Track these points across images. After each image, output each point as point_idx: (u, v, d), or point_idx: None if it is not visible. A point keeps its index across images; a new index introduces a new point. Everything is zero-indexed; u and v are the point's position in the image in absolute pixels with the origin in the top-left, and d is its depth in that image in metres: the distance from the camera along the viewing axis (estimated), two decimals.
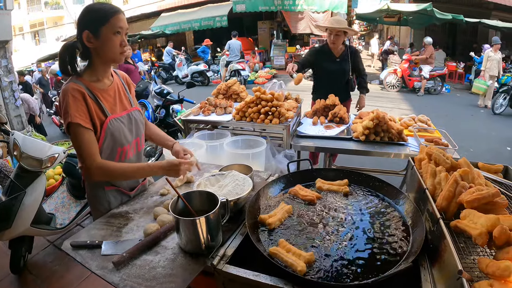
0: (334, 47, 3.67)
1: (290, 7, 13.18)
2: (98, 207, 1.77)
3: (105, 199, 1.76)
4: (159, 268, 1.26)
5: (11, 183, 2.52)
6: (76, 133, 1.50)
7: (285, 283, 1.16)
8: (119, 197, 1.82)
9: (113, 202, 1.78)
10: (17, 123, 5.47)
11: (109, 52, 1.56)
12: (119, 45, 1.56)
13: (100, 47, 1.54)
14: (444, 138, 2.79)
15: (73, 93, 1.49)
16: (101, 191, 1.75)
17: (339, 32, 3.53)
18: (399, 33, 17.96)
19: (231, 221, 1.52)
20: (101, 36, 1.50)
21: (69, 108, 1.47)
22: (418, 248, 1.18)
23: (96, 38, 1.51)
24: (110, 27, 1.50)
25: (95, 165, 1.52)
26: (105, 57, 1.58)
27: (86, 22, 1.51)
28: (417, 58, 11.02)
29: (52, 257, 3.10)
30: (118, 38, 1.54)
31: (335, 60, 3.72)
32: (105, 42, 1.52)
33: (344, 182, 1.76)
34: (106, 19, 1.49)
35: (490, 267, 0.94)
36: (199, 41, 17.59)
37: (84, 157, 1.51)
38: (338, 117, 3.22)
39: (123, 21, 1.55)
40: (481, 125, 7.34)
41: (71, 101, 1.48)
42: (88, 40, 1.51)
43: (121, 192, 1.82)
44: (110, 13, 1.50)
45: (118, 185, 1.80)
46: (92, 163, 1.51)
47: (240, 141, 2.78)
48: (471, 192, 1.26)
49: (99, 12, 1.50)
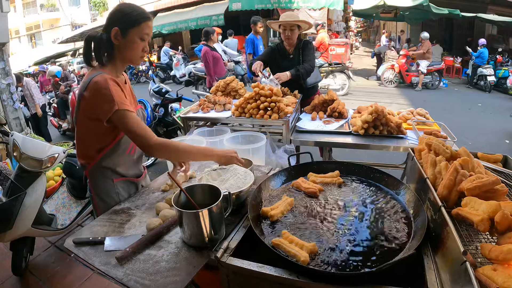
0: (289, 43, 3.64)
1: (286, 4, 13.16)
2: (108, 200, 1.79)
3: (114, 191, 1.79)
4: (163, 262, 1.27)
5: (11, 184, 2.52)
6: (128, 117, 1.53)
7: (289, 273, 1.16)
8: (127, 188, 1.86)
9: (122, 193, 1.82)
10: (16, 125, 5.45)
11: (130, 54, 1.63)
12: (141, 50, 1.63)
13: (124, 46, 1.60)
14: (443, 130, 2.79)
15: (111, 82, 1.55)
16: (109, 184, 1.78)
17: (293, 27, 3.49)
18: (396, 28, 17.96)
19: (234, 214, 1.53)
20: (128, 37, 1.57)
21: (113, 96, 1.51)
22: (420, 236, 1.19)
23: (123, 37, 1.57)
24: (138, 31, 1.58)
25: (157, 141, 1.55)
26: (126, 57, 1.65)
27: (118, 19, 1.57)
28: (414, 54, 11.04)
29: (54, 258, 3.10)
30: (142, 43, 1.62)
31: (288, 57, 3.68)
32: (130, 43, 1.59)
33: (336, 173, 1.78)
34: (137, 23, 1.57)
35: (493, 252, 0.95)
36: (196, 40, 17.54)
37: (143, 135, 1.54)
38: (337, 112, 3.22)
39: (151, 28, 1.63)
40: (479, 118, 7.37)
41: (113, 90, 1.52)
42: (115, 37, 1.57)
43: (129, 182, 1.87)
44: (143, 18, 1.58)
45: (127, 175, 1.84)
46: (154, 139, 1.55)
47: (240, 137, 2.78)
48: (472, 180, 1.26)
49: (132, 14, 1.57)
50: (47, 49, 23.76)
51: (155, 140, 1.55)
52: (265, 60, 3.68)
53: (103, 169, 1.75)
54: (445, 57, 12.80)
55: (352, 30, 21.88)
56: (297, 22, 3.50)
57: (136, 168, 1.92)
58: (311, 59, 3.63)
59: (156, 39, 19.96)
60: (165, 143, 1.59)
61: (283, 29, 3.55)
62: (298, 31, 3.57)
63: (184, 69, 13.87)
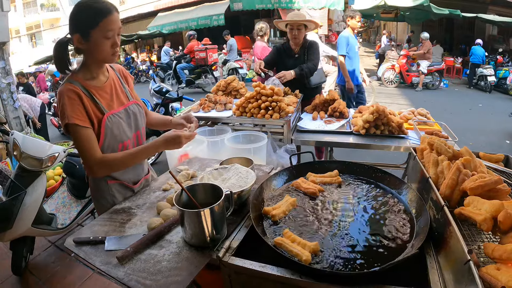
0: (296, 43, 3.66)
1: (287, 4, 13.15)
2: (103, 202, 1.77)
3: (108, 193, 1.75)
4: (164, 262, 1.26)
5: (12, 183, 2.51)
6: (75, 133, 1.50)
7: (292, 273, 1.15)
8: (123, 191, 1.81)
9: (117, 196, 1.78)
10: (16, 124, 5.44)
11: (99, 55, 1.54)
12: (110, 47, 1.53)
13: (90, 49, 1.52)
14: (444, 130, 2.79)
15: (68, 94, 1.50)
16: (104, 185, 1.75)
17: (300, 26, 3.51)
18: (396, 29, 17.96)
19: (235, 214, 1.52)
20: (91, 39, 1.48)
21: (66, 109, 1.48)
22: (423, 236, 1.18)
23: (86, 41, 1.49)
24: (100, 31, 1.46)
25: (96, 161, 1.53)
26: (97, 58, 1.58)
27: (76, 24, 1.48)
28: (414, 54, 11.04)
29: (54, 258, 3.10)
30: (109, 41, 1.51)
31: (294, 56, 3.70)
32: (95, 45, 1.50)
33: (335, 173, 1.77)
34: (95, 23, 1.45)
35: (497, 251, 0.94)
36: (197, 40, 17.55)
37: (84, 154, 1.53)
38: (338, 112, 3.21)
39: (114, 22, 1.50)
40: (480, 119, 7.36)
41: (67, 102, 1.49)
42: (79, 43, 1.50)
43: (124, 186, 1.81)
44: (100, 15, 1.45)
45: (121, 178, 1.79)
46: (92, 159, 1.53)
47: (241, 136, 2.78)
48: (474, 179, 1.26)
49: (88, 14, 1.46)
50: (47, 49, 23.72)
51: (96, 159, 1.53)
52: (273, 60, 3.72)
53: None
54: (445, 57, 12.81)
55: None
56: (304, 22, 3.52)
57: (131, 173, 1.84)
58: (314, 59, 3.65)
59: (157, 39, 19.97)
60: (103, 159, 1.55)
61: (290, 28, 3.57)
62: (304, 31, 3.60)
63: None
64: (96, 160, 1.53)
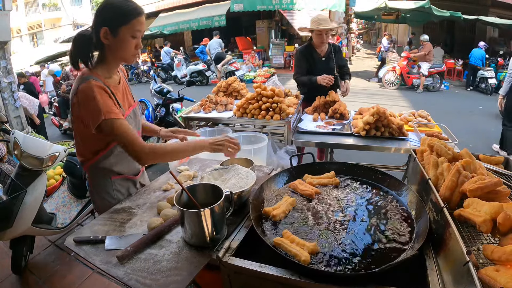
0: (323, 46, 3.66)
1: (288, 6, 13.18)
2: (107, 198, 1.77)
3: (112, 188, 1.77)
4: (164, 262, 1.26)
5: (12, 182, 2.52)
6: (116, 127, 1.48)
7: (291, 273, 1.16)
8: (126, 184, 1.83)
9: (120, 189, 1.80)
10: (17, 123, 5.45)
11: (123, 53, 1.55)
12: (134, 48, 1.55)
13: (115, 46, 1.52)
14: (444, 132, 2.80)
15: (98, 90, 1.47)
16: (108, 182, 1.76)
17: (328, 31, 3.51)
18: (397, 31, 17.98)
19: (236, 214, 1.52)
20: (119, 35, 1.48)
21: (99, 105, 1.44)
22: (423, 237, 1.18)
23: (113, 37, 1.48)
24: (129, 28, 1.48)
25: (146, 150, 1.52)
26: (118, 56, 1.58)
27: (107, 18, 1.47)
28: (415, 56, 11.04)
29: (54, 257, 3.10)
30: (134, 40, 1.53)
31: (321, 59, 3.69)
32: (121, 42, 1.50)
33: (332, 174, 1.77)
34: (127, 20, 1.46)
35: (496, 253, 0.94)
36: (197, 41, 17.56)
37: (133, 144, 1.51)
38: (338, 113, 3.22)
39: (142, 24, 1.52)
40: (480, 121, 7.35)
41: (99, 99, 1.45)
42: (105, 37, 1.48)
43: (126, 179, 1.83)
44: (133, 14, 1.47)
45: (124, 172, 1.81)
46: (143, 147, 1.52)
47: (242, 137, 2.78)
48: (474, 181, 1.26)
49: (121, 10, 1.46)
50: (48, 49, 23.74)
51: (148, 147, 1.53)
52: (305, 66, 3.67)
53: (100, 168, 1.71)
54: (446, 59, 12.80)
55: (354, 32, 21.87)
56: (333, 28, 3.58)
57: (133, 166, 1.86)
58: (346, 64, 3.89)
59: (158, 39, 19.99)
60: (153, 149, 1.55)
61: (319, 33, 3.52)
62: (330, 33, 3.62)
63: (185, 69, 13.89)
64: (146, 149, 1.52)
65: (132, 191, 1.87)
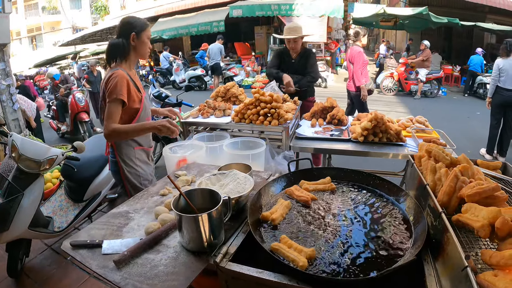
0: (294, 51, 3.97)
1: (287, 12, 13.21)
2: (129, 163, 2.31)
3: (134, 156, 2.32)
4: (161, 267, 1.26)
5: (9, 185, 2.50)
6: (114, 105, 2.06)
7: (289, 279, 1.15)
8: (144, 154, 2.40)
9: (140, 158, 2.36)
10: (15, 126, 5.42)
11: (143, 50, 2.24)
12: (148, 47, 2.26)
13: (139, 45, 2.21)
14: (442, 138, 2.80)
15: (123, 77, 2.09)
16: (131, 150, 2.31)
17: (296, 39, 3.83)
18: (395, 37, 18.07)
19: (233, 219, 1.52)
20: (141, 38, 2.19)
21: (117, 87, 2.05)
22: (421, 243, 1.18)
23: (138, 39, 2.18)
24: (146, 33, 2.21)
25: (110, 129, 2.05)
26: (139, 53, 2.24)
27: (132, 27, 2.16)
28: (413, 62, 11.10)
29: (50, 261, 3.08)
30: (148, 41, 2.25)
31: (291, 61, 4.00)
32: (142, 43, 2.21)
33: (327, 180, 1.78)
34: (145, 27, 2.20)
35: (494, 258, 0.95)
36: (196, 46, 17.61)
37: (108, 121, 2.05)
38: (336, 119, 3.23)
39: (150, 31, 2.28)
40: (477, 127, 7.38)
41: (120, 83, 2.06)
42: (133, 39, 2.16)
43: (144, 150, 2.40)
44: (146, 24, 2.23)
45: (143, 144, 2.38)
46: (110, 126, 2.05)
47: (240, 143, 2.78)
48: (472, 186, 1.26)
49: (139, 21, 2.20)
50: (47, 52, 23.75)
51: (113, 126, 2.05)
52: (277, 64, 4.12)
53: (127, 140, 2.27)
54: (444, 65, 12.88)
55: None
56: (297, 38, 3.83)
57: (148, 139, 2.45)
58: (315, 70, 4.00)
59: (157, 44, 20.02)
60: (115, 129, 2.06)
61: (287, 40, 3.90)
62: (301, 40, 3.90)
63: (184, 74, 13.91)
64: (110, 128, 2.05)
65: (148, 160, 2.45)
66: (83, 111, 7.07)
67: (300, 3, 12.81)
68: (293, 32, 3.83)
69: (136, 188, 2.30)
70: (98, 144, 3.43)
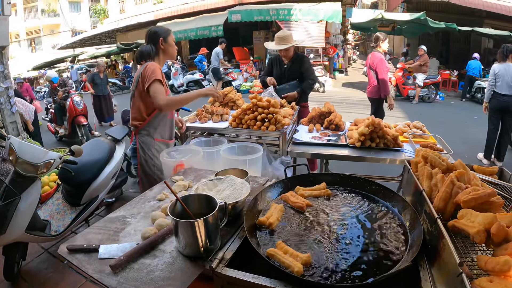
0: (285, 58, 4.09)
1: (285, 17, 13.27)
2: (148, 153, 2.68)
3: (154, 147, 2.68)
4: (157, 272, 1.26)
5: (6, 188, 2.49)
6: (156, 84, 2.45)
7: (285, 285, 1.15)
8: (163, 146, 2.72)
9: (159, 150, 2.67)
10: (12, 129, 5.39)
11: (172, 51, 2.69)
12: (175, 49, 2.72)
13: (167, 48, 2.65)
14: (439, 143, 2.82)
15: (157, 67, 2.52)
16: (151, 141, 2.67)
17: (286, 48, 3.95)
18: (393, 42, 18.16)
19: (230, 224, 1.52)
20: (168, 41, 2.64)
21: (156, 72, 2.46)
22: (416, 248, 1.18)
23: (165, 42, 2.63)
24: (170, 37, 2.66)
25: (166, 99, 2.47)
26: (169, 54, 2.68)
27: (160, 34, 2.60)
28: (410, 67, 11.15)
29: (47, 264, 3.07)
30: (174, 44, 2.70)
31: (283, 67, 4.14)
32: (170, 45, 2.66)
33: (323, 185, 1.78)
34: (169, 32, 2.66)
35: (489, 263, 0.95)
36: (195, 50, 17.61)
37: (160, 97, 2.43)
38: (333, 124, 3.24)
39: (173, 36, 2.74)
40: (475, 132, 7.40)
41: (157, 70, 2.48)
42: (161, 43, 2.61)
43: (164, 143, 2.75)
44: (169, 30, 2.69)
45: (164, 137, 2.74)
46: (164, 98, 2.45)
47: (237, 148, 2.78)
48: (468, 192, 1.27)
49: (164, 29, 2.68)
50: (46, 54, 23.77)
51: (167, 98, 2.49)
52: (270, 70, 4.32)
53: (148, 129, 2.64)
54: (441, 70, 12.93)
55: (350, 43, 22.04)
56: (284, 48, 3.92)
57: (170, 131, 2.80)
58: (312, 74, 4.09)
59: None
60: (169, 99, 2.50)
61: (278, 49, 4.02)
62: (292, 48, 4.01)
63: (182, 78, 13.91)
64: (165, 100, 2.46)
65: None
66: (81, 114, 7.07)
67: (299, 8, 12.88)
68: (283, 42, 3.92)
69: (147, 174, 2.71)
70: (96, 148, 3.43)
